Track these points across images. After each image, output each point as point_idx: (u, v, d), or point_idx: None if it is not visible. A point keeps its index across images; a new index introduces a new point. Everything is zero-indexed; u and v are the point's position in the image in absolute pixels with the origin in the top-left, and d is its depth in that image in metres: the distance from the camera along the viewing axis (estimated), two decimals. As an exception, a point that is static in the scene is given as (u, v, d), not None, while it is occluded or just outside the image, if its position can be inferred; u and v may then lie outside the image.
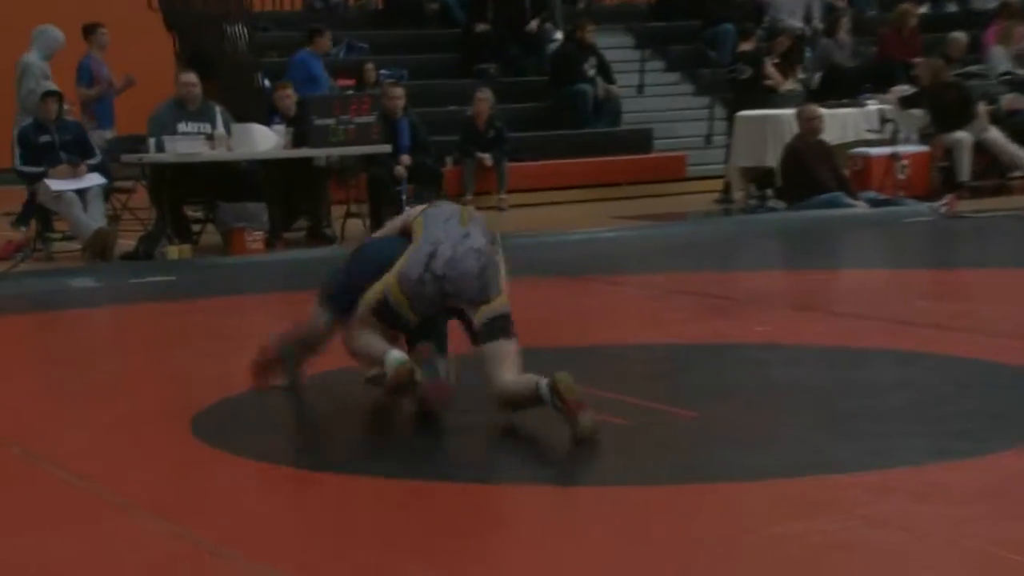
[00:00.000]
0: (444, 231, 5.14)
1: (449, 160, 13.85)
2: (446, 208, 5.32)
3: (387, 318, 5.13)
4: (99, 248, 10.29)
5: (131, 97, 13.39)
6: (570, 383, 4.76)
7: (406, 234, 5.28)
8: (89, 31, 13.50)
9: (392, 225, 5.57)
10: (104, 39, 13.32)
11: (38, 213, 10.74)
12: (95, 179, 10.59)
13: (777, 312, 7.55)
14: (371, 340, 5.13)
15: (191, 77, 11.18)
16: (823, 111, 12.59)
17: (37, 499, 4.35)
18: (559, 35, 16.09)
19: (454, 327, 5.26)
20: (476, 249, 5.09)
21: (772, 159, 12.90)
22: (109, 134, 12.41)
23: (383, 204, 11.98)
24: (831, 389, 5.52)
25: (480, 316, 5.03)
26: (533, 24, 15.71)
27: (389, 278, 5.10)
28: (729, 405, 5.29)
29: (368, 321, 5.15)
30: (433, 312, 5.13)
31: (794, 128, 12.66)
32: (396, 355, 5.06)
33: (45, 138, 10.63)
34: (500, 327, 5.02)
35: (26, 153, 10.57)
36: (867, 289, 8.45)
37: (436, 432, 5.07)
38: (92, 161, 10.73)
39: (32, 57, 12.05)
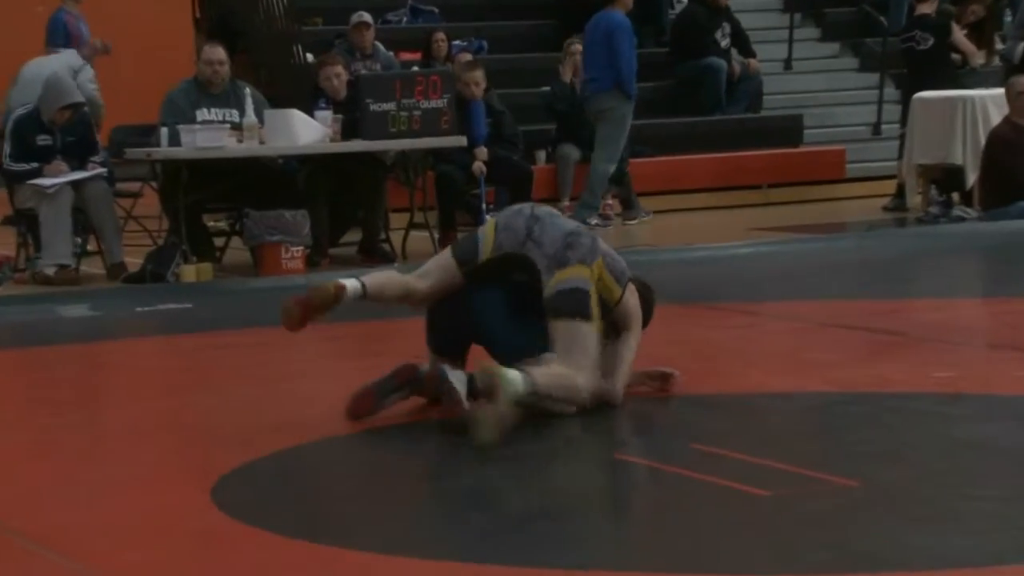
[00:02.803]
0: None
1: (542, 155, 13.92)
2: None
3: (464, 248, 6.17)
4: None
5: (139, 76, 13.64)
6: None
7: None
8: None
9: None
10: None
11: (22, 223, 10.96)
12: (95, 169, 10.79)
13: (964, 353, 7.49)
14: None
15: (218, 53, 11.31)
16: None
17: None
18: (684, -5, 16.15)
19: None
20: (577, 225, 6.16)
21: (960, 154, 12.80)
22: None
23: (456, 211, 12.07)
24: (1034, 452, 5.48)
25: (551, 286, 5.93)
26: None
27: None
28: (899, 472, 5.26)
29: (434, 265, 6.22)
30: (508, 251, 6.04)
31: (991, 112, 12.56)
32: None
33: (44, 139, 10.84)
34: (565, 304, 5.91)
35: (18, 151, 10.76)
36: (1083, 323, 8.35)
37: (509, 509, 5.10)
38: (95, 159, 10.92)
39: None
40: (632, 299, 6.23)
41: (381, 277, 6.29)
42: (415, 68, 13.41)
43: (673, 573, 4.39)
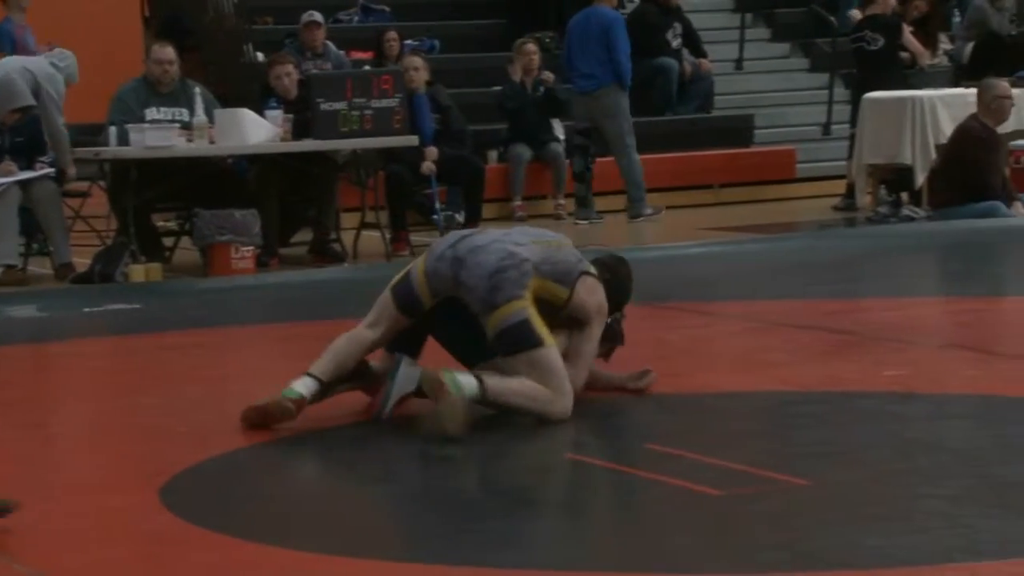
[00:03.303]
0: (507, 232, 6.22)
1: (493, 155, 13.92)
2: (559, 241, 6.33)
3: (403, 297, 6.08)
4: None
5: (88, 75, 13.54)
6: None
7: None
8: None
9: None
10: None
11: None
12: (43, 169, 10.74)
13: (915, 352, 7.52)
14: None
15: (167, 52, 11.27)
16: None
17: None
18: (635, -5, 16.17)
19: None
20: (509, 251, 5.98)
21: (909, 154, 12.87)
22: None
23: (407, 211, 12.05)
24: (985, 451, 5.50)
25: (490, 330, 5.92)
26: None
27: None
28: (851, 471, 5.28)
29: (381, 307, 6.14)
30: (445, 295, 6.02)
31: (940, 113, 12.62)
32: None
33: None
34: (511, 343, 5.90)
35: None
36: (1033, 322, 8.42)
37: (461, 509, 5.09)
38: (43, 159, 10.88)
39: None
40: (586, 293, 6.15)
41: (333, 358, 6.14)
42: (367, 67, 13.38)
43: (625, 572, 4.40)
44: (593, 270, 6.26)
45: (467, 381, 5.76)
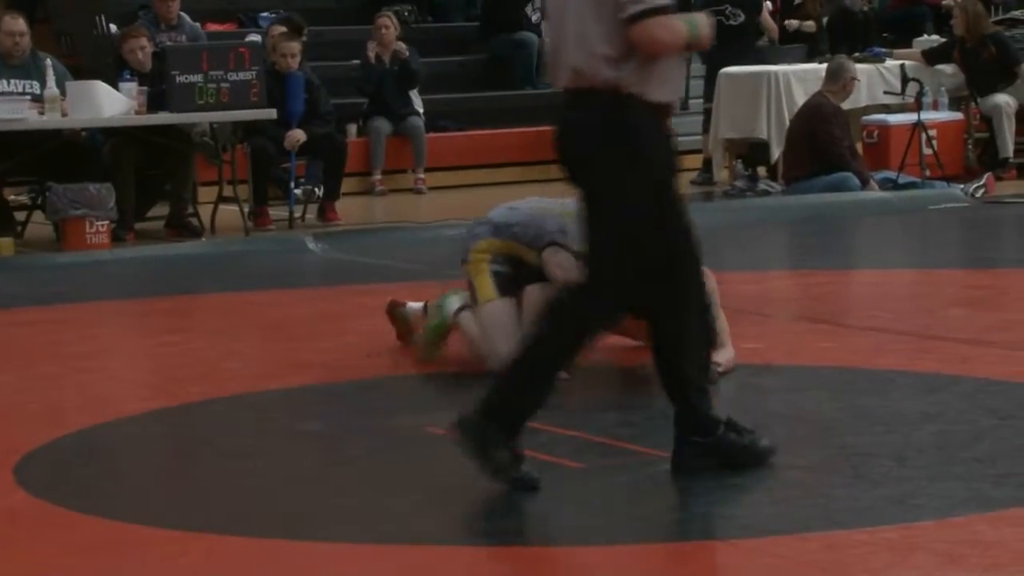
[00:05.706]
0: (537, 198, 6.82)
1: (352, 129, 13.84)
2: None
3: None
4: None
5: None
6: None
7: None
8: None
9: None
10: None
11: None
12: None
13: (772, 325, 7.60)
14: None
15: (18, 24, 11.11)
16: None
17: None
18: (494, -31, 16.14)
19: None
20: (484, 217, 6.64)
21: (765, 129, 13.00)
22: None
23: (267, 185, 11.94)
24: (840, 422, 5.58)
25: None
26: None
27: None
28: (710, 442, 5.32)
29: None
30: None
31: (795, 88, 12.76)
32: None
33: None
34: None
35: None
36: (885, 295, 8.54)
37: (319, 485, 5.06)
38: None
39: None
40: (552, 263, 6.33)
41: None
42: (250, 39, 13.16)
43: (485, 546, 4.40)
44: (567, 241, 6.30)
45: (451, 304, 6.57)
